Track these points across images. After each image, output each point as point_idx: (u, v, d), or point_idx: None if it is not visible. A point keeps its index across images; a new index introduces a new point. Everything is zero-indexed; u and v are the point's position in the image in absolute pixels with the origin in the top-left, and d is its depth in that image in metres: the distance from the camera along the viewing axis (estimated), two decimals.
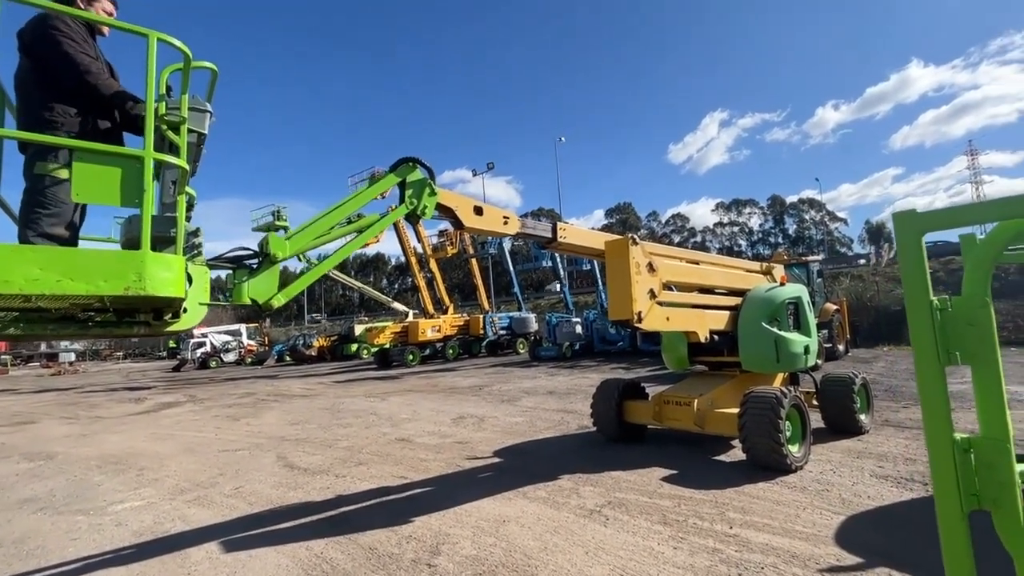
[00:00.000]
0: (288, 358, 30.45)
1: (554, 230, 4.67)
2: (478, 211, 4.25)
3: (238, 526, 4.16)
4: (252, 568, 3.35)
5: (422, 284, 24.93)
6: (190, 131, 2.65)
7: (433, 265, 25.15)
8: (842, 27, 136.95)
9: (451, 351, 22.38)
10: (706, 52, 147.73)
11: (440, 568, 3.19)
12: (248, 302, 2.92)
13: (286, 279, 3.26)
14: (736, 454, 5.30)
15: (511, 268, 24.82)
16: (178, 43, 2.43)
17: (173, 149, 2.56)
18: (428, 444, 6.73)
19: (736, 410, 4.89)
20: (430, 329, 22.15)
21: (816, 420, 5.78)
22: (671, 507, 4.02)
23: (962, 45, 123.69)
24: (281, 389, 15.23)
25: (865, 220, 73.89)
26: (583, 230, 4.98)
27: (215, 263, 2.93)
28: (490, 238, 24.18)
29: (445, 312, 24.62)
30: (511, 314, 25.15)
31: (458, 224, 4.20)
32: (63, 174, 2.58)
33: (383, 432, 7.71)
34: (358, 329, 28.50)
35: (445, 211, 4.12)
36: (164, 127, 2.54)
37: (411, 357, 20.95)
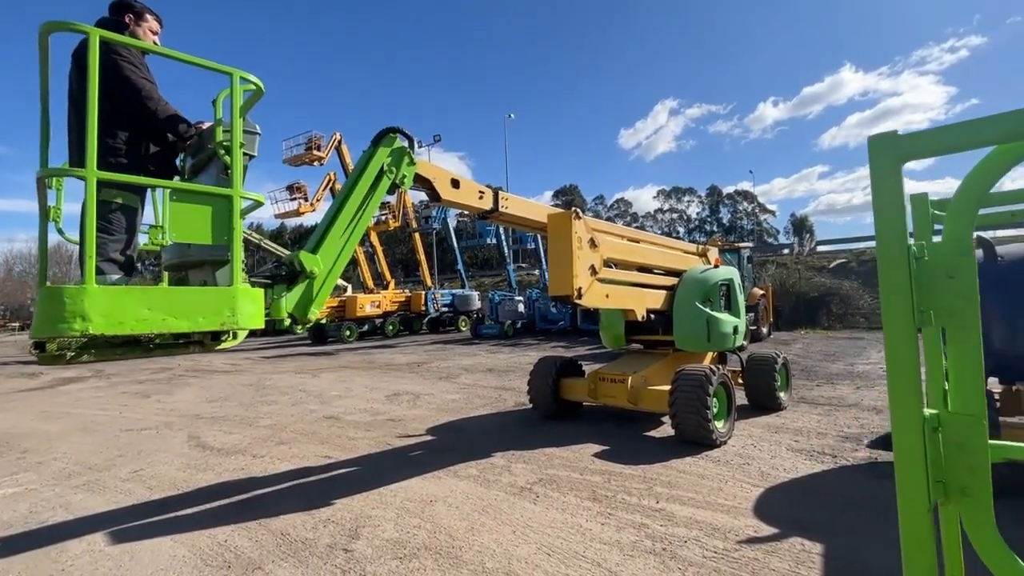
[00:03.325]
0: None
1: (496, 199, 4.47)
2: (455, 184, 4.18)
3: (132, 513, 3.73)
4: (141, 560, 2.99)
5: (362, 258, 23.96)
6: (244, 154, 2.70)
7: (374, 238, 24.20)
8: (790, 26, 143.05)
9: (391, 327, 21.78)
10: (666, 38, 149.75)
11: (357, 553, 2.99)
12: (285, 316, 2.97)
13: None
14: (665, 430, 5.42)
15: (455, 244, 24.40)
16: (254, 78, 2.55)
17: (227, 171, 2.65)
18: (358, 422, 6.44)
19: (667, 387, 4.98)
20: (369, 304, 21.39)
21: (740, 397, 6.03)
22: (601, 483, 4.02)
23: (890, 53, 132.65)
24: (201, 364, 14.18)
25: (791, 213, 79.07)
26: (525, 201, 4.81)
27: (255, 280, 2.94)
28: (434, 212, 23.58)
29: (386, 287, 23.87)
30: (454, 291, 24.78)
31: (435, 196, 4.11)
32: (124, 200, 2.70)
33: (311, 409, 7.30)
34: None
35: (423, 182, 4.00)
36: (221, 151, 2.63)
37: (348, 333, 20.18)
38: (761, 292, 15.32)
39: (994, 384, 4.44)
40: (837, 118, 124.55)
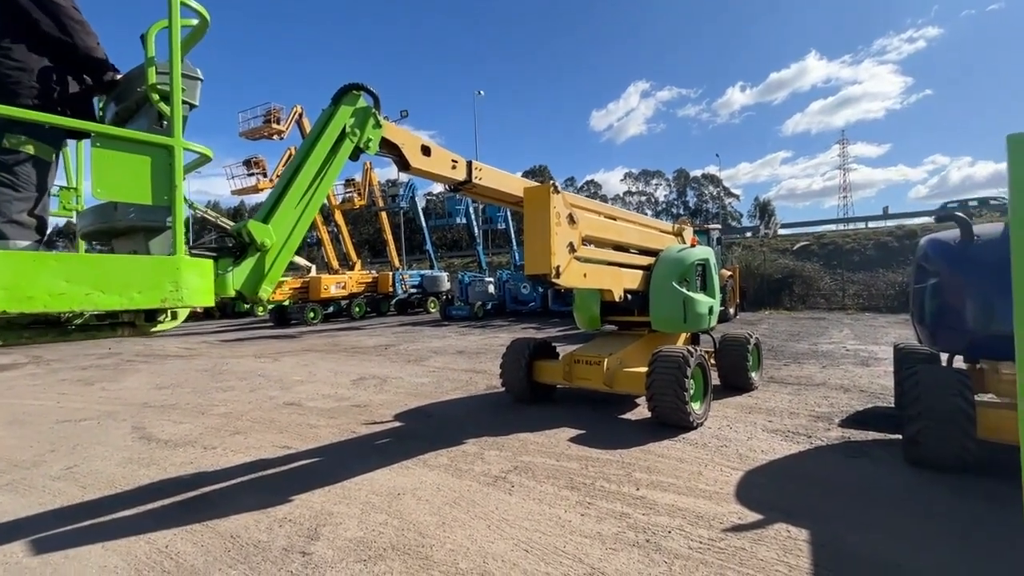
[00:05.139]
0: None
1: (469, 170, 4.15)
2: (426, 151, 3.80)
3: (61, 517, 3.34)
4: (65, 573, 2.63)
5: (326, 238, 23.09)
6: (183, 102, 2.33)
7: (339, 217, 23.34)
8: (763, 9, 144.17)
9: (357, 309, 21.17)
10: (643, 20, 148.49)
11: (316, 556, 2.72)
12: (233, 294, 2.63)
13: None
14: (641, 412, 5.32)
15: (424, 224, 23.83)
16: (198, 6, 2.26)
17: (161, 121, 2.33)
18: (321, 408, 6.09)
19: (644, 369, 4.85)
20: (334, 286, 20.68)
21: (712, 378, 5.99)
22: (578, 469, 3.86)
23: (853, 41, 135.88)
24: (154, 348, 13.37)
25: (755, 197, 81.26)
26: (501, 173, 4.50)
27: (196, 252, 2.57)
28: (401, 191, 22.89)
29: (352, 268, 23.14)
30: (422, 272, 24.27)
31: (403, 164, 3.72)
32: (36, 150, 2.27)
33: (270, 396, 6.89)
34: None
35: (389, 148, 3.61)
36: (155, 97, 2.27)
37: (312, 315, 19.47)
38: (729, 273, 15.54)
39: (959, 362, 4.49)
40: (801, 104, 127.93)
